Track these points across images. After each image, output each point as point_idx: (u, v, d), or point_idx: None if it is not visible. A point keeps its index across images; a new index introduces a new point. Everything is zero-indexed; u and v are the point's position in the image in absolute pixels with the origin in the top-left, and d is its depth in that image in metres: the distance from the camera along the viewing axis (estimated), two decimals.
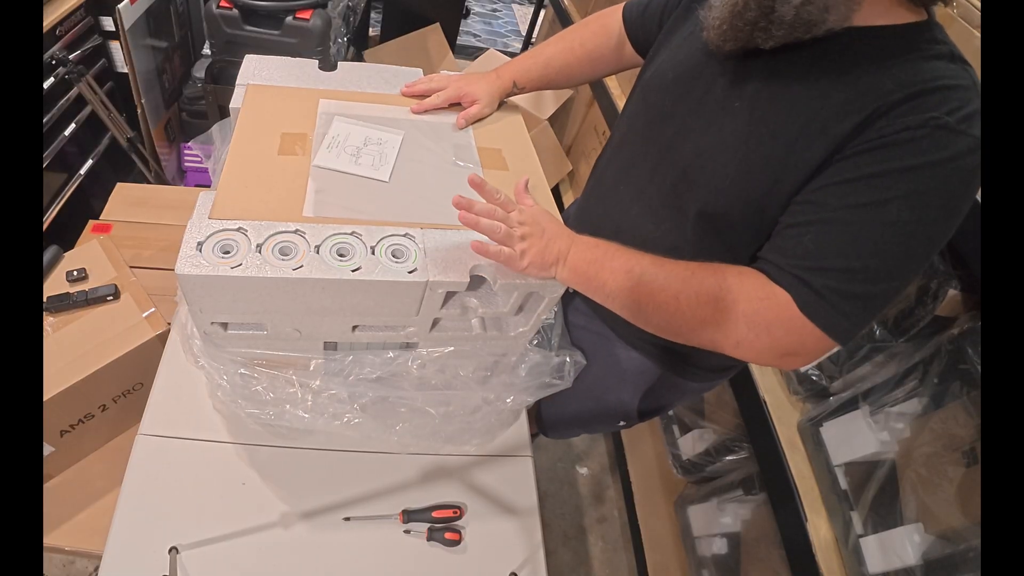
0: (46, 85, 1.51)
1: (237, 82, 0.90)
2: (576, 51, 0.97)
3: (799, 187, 0.62)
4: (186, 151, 2.21)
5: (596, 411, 1.06)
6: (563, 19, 2.43)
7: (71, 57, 1.56)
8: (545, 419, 1.16)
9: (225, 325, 0.73)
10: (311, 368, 0.79)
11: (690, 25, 0.78)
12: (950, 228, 0.58)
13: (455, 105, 0.93)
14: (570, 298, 0.99)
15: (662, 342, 0.86)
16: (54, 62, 1.51)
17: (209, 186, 0.83)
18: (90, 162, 1.82)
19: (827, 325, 0.59)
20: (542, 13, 3.07)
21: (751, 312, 0.61)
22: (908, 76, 0.58)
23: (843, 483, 0.99)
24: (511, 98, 1.00)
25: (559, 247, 0.70)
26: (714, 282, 0.63)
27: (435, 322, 0.77)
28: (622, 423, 1.09)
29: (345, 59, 1.99)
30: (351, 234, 0.69)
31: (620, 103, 1.87)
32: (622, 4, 0.94)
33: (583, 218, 0.92)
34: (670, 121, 0.76)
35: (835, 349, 0.61)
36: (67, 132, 1.65)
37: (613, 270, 0.67)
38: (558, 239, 0.70)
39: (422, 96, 0.93)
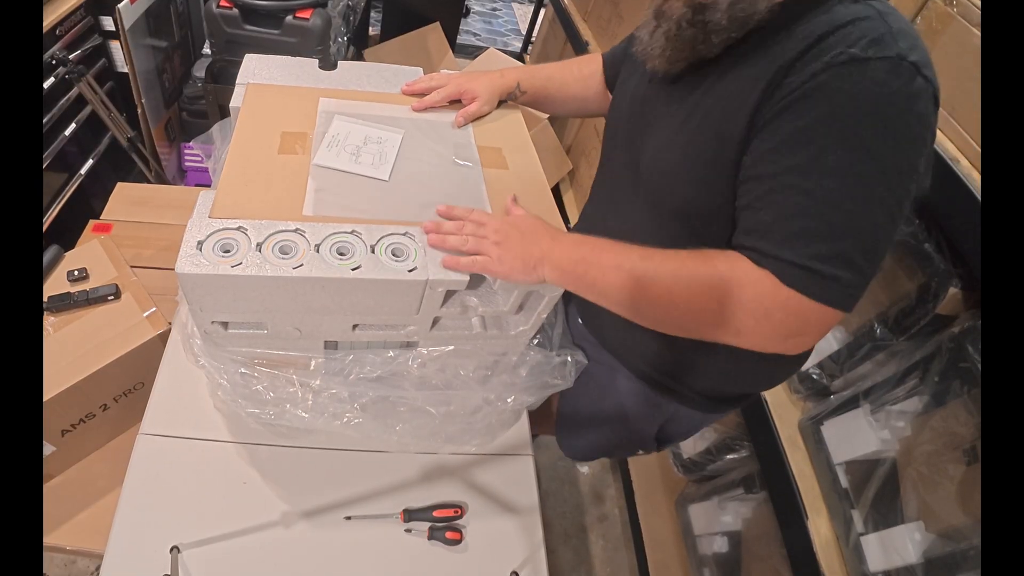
0: (46, 85, 1.51)
1: (237, 81, 0.90)
2: (575, 75, 1.00)
3: (735, 164, 0.63)
4: (186, 151, 2.21)
5: (616, 442, 1.07)
6: (563, 18, 2.43)
7: (71, 57, 1.56)
8: (568, 448, 1.18)
9: (225, 324, 0.73)
10: (311, 367, 0.79)
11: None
12: (907, 159, 0.55)
13: (455, 103, 0.93)
14: (576, 326, 0.99)
15: (669, 368, 0.86)
16: (54, 62, 1.51)
17: (209, 185, 0.83)
18: (90, 162, 1.82)
19: (820, 294, 0.56)
20: (542, 12, 3.07)
21: (747, 299, 0.59)
22: (808, 29, 0.58)
23: (844, 481, 0.99)
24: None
25: (540, 248, 0.69)
26: (704, 272, 0.62)
27: (435, 321, 0.77)
28: (641, 451, 1.10)
29: (345, 58, 1.98)
30: (351, 233, 0.70)
31: None
32: None
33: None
34: (631, 143, 0.79)
35: (839, 317, 0.59)
36: (67, 132, 1.65)
37: (602, 267, 0.67)
38: (539, 240, 0.70)
39: (422, 94, 0.93)
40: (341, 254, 0.67)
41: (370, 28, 3.27)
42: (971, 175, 0.84)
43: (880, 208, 0.55)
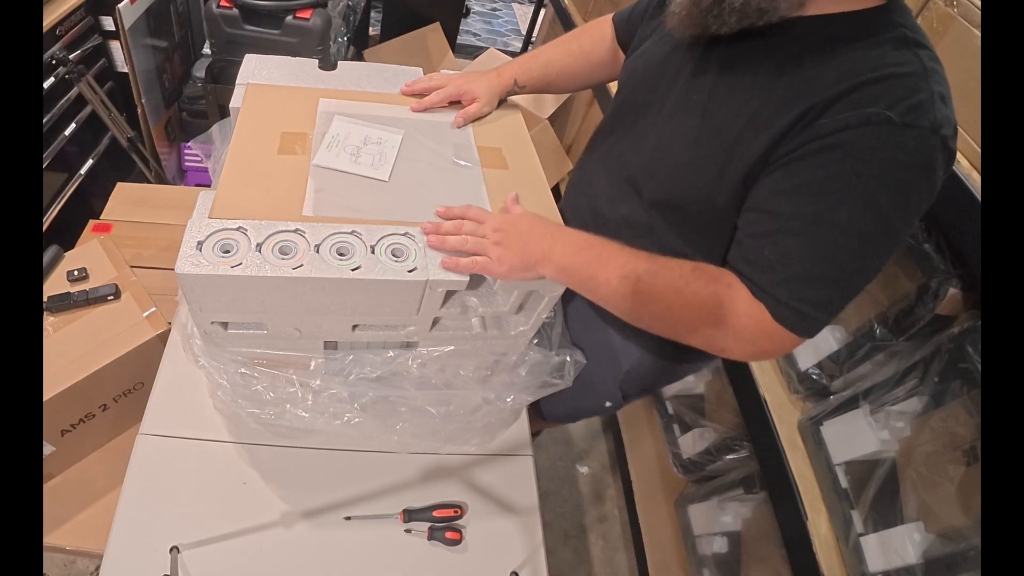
0: (46, 85, 1.51)
1: (237, 81, 0.90)
2: (574, 52, 0.99)
3: (743, 178, 0.65)
4: (186, 150, 2.21)
5: (583, 393, 1.09)
6: (563, 18, 2.43)
7: (71, 57, 1.56)
8: (541, 405, 1.19)
9: (225, 324, 0.73)
10: (311, 367, 0.79)
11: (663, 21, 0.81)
12: (909, 222, 0.58)
13: (455, 104, 0.93)
14: None
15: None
16: (54, 62, 1.51)
17: (209, 186, 0.83)
18: (90, 162, 1.82)
19: (800, 330, 0.62)
20: (542, 12, 3.06)
21: (739, 327, 0.64)
22: (851, 66, 0.57)
23: (843, 482, 0.99)
24: (511, 97, 1.00)
25: (541, 247, 0.70)
26: (707, 295, 0.65)
27: (435, 321, 0.77)
28: (608, 403, 1.12)
29: (345, 58, 1.98)
30: (351, 233, 0.70)
31: None
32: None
33: (570, 194, 0.96)
34: (641, 113, 0.80)
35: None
36: (67, 132, 1.65)
37: (607, 273, 0.68)
38: (539, 239, 0.71)
39: (422, 95, 0.93)
40: (341, 254, 0.67)
41: (370, 28, 3.27)
42: (971, 175, 0.84)
43: (874, 261, 0.59)
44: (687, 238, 0.76)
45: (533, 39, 3.18)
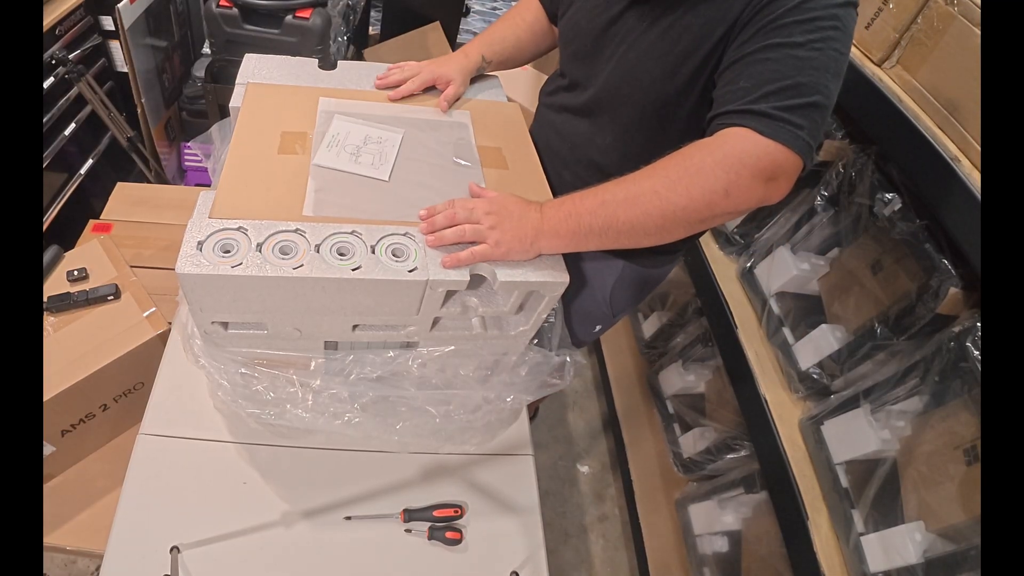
0: (46, 85, 1.51)
1: (237, 81, 0.90)
2: (520, 25, 1.04)
3: (717, 61, 0.73)
4: (186, 150, 2.21)
5: (573, 323, 1.13)
6: None
7: (71, 57, 1.56)
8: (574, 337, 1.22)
9: (226, 324, 0.73)
10: (311, 367, 0.79)
11: None
12: (847, 46, 0.69)
13: (431, 90, 0.95)
14: None
15: None
16: (54, 62, 1.51)
17: (209, 185, 0.83)
18: (90, 162, 1.82)
19: (787, 140, 0.65)
20: None
21: (720, 158, 0.66)
22: None
23: (844, 481, 0.99)
24: (511, 97, 1.00)
25: (532, 221, 0.71)
26: (674, 162, 0.69)
27: (435, 321, 0.77)
28: (598, 327, 1.15)
29: (345, 58, 1.97)
30: (351, 233, 0.70)
31: None
32: None
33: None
34: (596, 59, 0.86)
35: (801, 167, 0.68)
36: (67, 132, 1.65)
37: (590, 210, 0.70)
38: (528, 213, 0.72)
39: (397, 86, 0.94)
40: (341, 254, 0.67)
41: (370, 28, 3.27)
42: (972, 175, 0.84)
43: (833, 77, 0.67)
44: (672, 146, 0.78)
45: None
